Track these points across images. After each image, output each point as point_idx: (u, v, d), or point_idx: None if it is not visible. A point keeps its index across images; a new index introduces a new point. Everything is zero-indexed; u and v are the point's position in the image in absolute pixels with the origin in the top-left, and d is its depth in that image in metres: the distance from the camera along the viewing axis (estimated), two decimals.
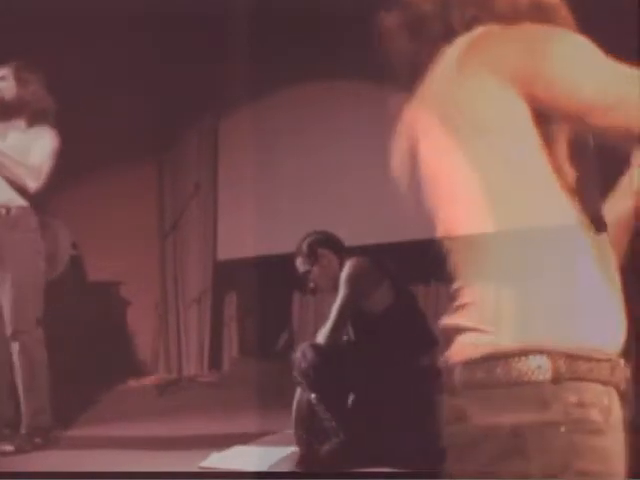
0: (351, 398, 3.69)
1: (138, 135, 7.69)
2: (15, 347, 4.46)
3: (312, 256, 3.95)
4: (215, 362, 7.58)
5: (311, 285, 4.00)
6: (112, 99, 7.30)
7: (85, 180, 7.41)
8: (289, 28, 7.06)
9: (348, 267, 3.79)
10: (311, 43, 6.88)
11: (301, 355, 3.57)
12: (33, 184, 4.51)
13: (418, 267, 6.50)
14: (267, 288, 6.54)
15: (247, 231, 7.33)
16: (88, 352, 6.48)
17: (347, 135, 6.69)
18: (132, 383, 6.96)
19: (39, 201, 4.73)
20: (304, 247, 3.97)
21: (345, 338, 3.87)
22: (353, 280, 3.74)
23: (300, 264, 3.99)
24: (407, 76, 1.64)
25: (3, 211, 4.54)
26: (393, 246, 6.05)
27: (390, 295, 3.75)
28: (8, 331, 4.47)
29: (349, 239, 4.36)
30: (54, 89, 5.13)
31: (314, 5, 6.62)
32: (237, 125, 7.57)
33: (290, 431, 3.88)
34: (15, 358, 4.47)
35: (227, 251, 7.60)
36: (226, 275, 7.71)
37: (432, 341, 3.88)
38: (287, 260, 4.20)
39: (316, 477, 3.53)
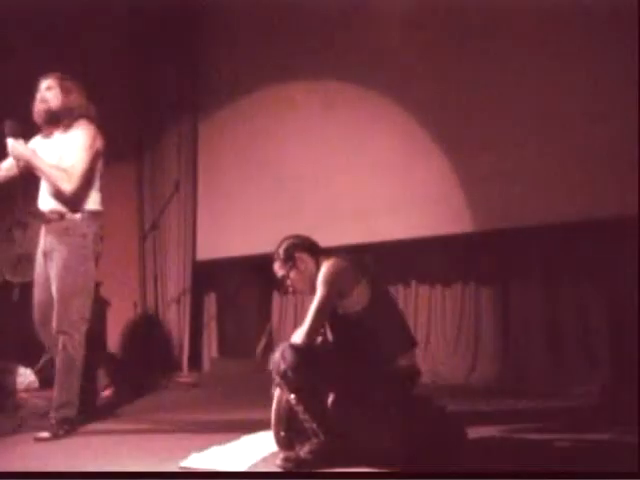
0: (330, 398, 3.71)
1: (118, 135, 7.67)
2: (57, 343, 4.74)
3: (289, 260, 3.95)
4: (195, 362, 7.59)
5: (290, 290, 4.01)
6: (91, 99, 7.29)
7: None
8: (268, 28, 7.08)
9: (325, 268, 3.80)
10: (290, 43, 6.90)
11: (280, 356, 3.58)
12: (67, 186, 4.73)
13: (398, 268, 6.58)
14: (247, 288, 6.56)
15: (227, 231, 7.34)
16: None
17: (325, 136, 6.71)
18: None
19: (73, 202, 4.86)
20: (281, 252, 3.98)
21: (322, 338, 3.88)
22: (330, 281, 3.75)
23: (278, 269, 4.00)
24: None
25: (55, 216, 4.82)
26: (374, 246, 6.08)
27: (367, 295, 3.76)
28: (54, 328, 4.74)
29: (330, 240, 4.37)
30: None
31: (292, 6, 6.66)
32: (217, 125, 7.57)
33: (270, 431, 3.89)
34: (57, 353, 4.76)
35: (206, 251, 7.60)
36: (205, 275, 7.72)
37: (410, 342, 3.91)
38: (266, 260, 4.21)
39: (296, 477, 3.54)
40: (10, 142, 4.75)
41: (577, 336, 5.70)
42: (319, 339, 3.87)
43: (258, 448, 4.00)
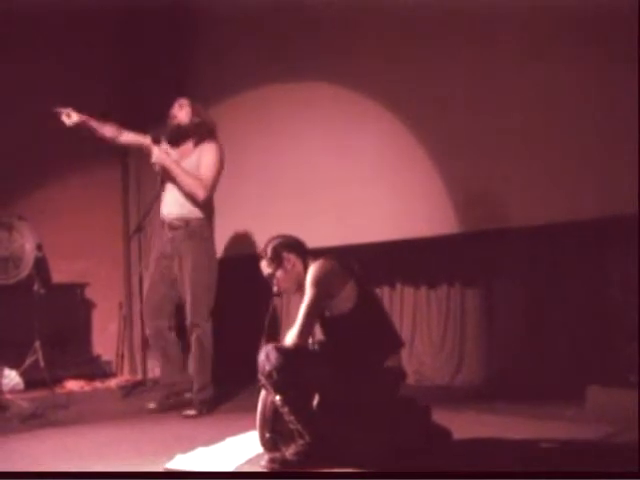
0: (316, 400, 3.71)
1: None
2: (192, 335, 5.48)
3: (276, 259, 3.94)
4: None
5: (275, 289, 4.00)
6: (76, 100, 7.28)
7: (50, 182, 7.37)
8: (253, 31, 7.07)
9: (313, 269, 3.80)
10: (276, 45, 6.89)
11: (265, 357, 3.57)
12: (201, 193, 5.41)
13: (383, 269, 6.58)
14: (233, 289, 6.52)
15: None
16: (52, 354, 6.44)
17: (311, 136, 6.70)
18: (97, 384, 6.93)
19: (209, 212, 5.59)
20: (268, 250, 3.98)
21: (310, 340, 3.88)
22: (319, 282, 3.74)
23: (264, 267, 3.99)
24: None
25: (181, 223, 5.50)
26: (359, 248, 6.07)
27: (355, 296, 3.76)
28: (188, 323, 5.49)
29: (314, 241, 4.37)
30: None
31: (278, 9, 6.66)
32: None
33: (255, 432, 3.89)
34: (191, 344, 5.50)
35: None
36: None
37: (396, 343, 3.91)
38: (254, 261, 4.20)
39: (282, 478, 3.54)
40: (155, 149, 5.54)
41: (562, 337, 5.71)
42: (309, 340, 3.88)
43: (243, 449, 4.00)
